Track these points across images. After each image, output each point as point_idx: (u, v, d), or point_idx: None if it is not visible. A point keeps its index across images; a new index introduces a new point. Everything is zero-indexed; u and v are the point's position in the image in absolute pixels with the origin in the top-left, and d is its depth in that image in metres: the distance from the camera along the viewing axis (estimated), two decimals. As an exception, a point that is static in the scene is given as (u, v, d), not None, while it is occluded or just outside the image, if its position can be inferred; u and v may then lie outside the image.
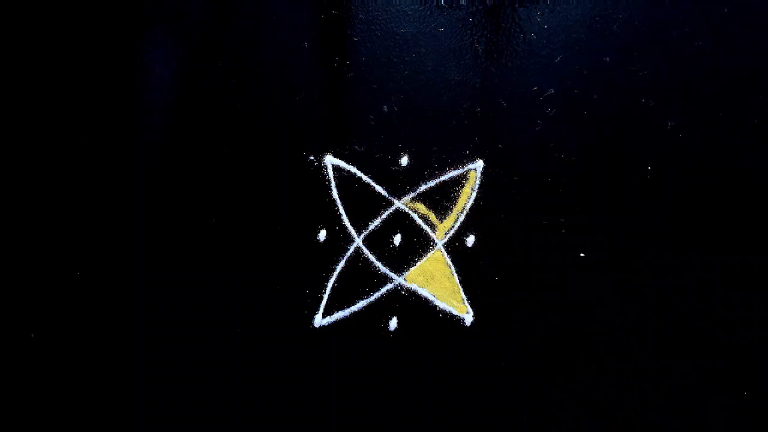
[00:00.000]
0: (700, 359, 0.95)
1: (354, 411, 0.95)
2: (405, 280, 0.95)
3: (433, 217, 0.96)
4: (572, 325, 0.96)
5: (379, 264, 0.95)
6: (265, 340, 0.97)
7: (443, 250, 0.97)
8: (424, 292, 0.94)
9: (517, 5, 0.96)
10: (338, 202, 0.97)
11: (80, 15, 0.98)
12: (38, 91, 0.98)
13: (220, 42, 0.98)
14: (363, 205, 0.94)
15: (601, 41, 0.96)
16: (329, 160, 0.97)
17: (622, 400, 0.92)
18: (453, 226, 0.97)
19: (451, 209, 0.96)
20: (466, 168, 0.98)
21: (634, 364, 0.96)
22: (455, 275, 0.97)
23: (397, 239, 0.96)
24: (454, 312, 0.97)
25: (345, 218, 0.96)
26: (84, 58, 0.98)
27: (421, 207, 0.97)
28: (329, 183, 0.97)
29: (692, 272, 0.96)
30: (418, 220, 0.97)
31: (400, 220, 0.96)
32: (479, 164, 0.97)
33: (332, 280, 0.97)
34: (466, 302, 0.97)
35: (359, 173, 0.97)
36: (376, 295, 0.95)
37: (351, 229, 0.96)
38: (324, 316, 0.97)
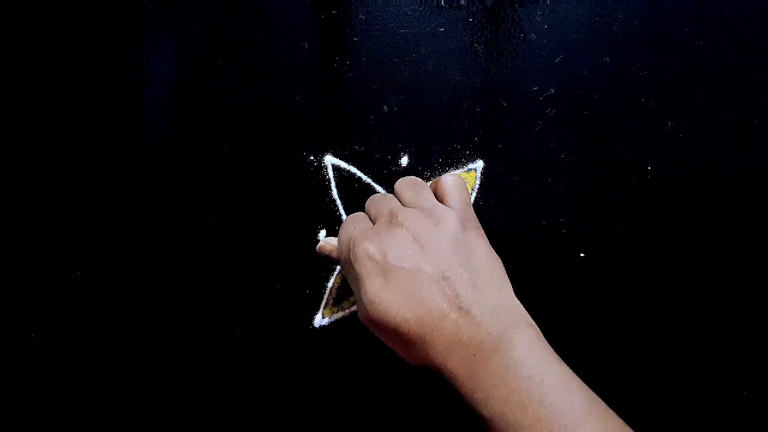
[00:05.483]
0: (701, 360, 0.95)
1: (354, 411, 0.95)
2: (405, 280, 0.95)
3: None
4: (573, 325, 0.96)
5: (379, 264, 0.95)
6: (265, 340, 0.97)
7: (443, 250, 0.97)
8: (424, 292, 0.94)
9: (517, 5, 0.96)
10: (338, 202, 0.97)
11: (79, 14, 0.98)
12: (36, 90, 0.98)
13: (220, 42, 0.98)
14: (363, 205, 0.94)
15: (601, 41, 0.96)
16: (329, 160, 0.97)
17: (623, 400, 0.91)
18: (453, 226, 0.96)
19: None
20: (466, 168, 0.98)
21: (636, 363, 0.96)
22: (455, 275, 0.97)
23: (397, 239, 0.96)
24: (454, 312, 0.97)
25: (345, 218, 0.96)
26: (83, 58, 0.98)
27: (421, 207, 0.97)
28: (329, 183, 0.97)
29: (692, 273, 0.96)
30: (418, 220, 0.97)
31: (400, 220, 0.96)
32: (479, 164, 0.97)
33: (332, 280, 0.97)
34: (466, 302, 0.97)
35: (359, 173, 0.97)
36: (376, 295, 0.95)
37: (351, 229, 0.96)
38: (324, 317, 0.97)
